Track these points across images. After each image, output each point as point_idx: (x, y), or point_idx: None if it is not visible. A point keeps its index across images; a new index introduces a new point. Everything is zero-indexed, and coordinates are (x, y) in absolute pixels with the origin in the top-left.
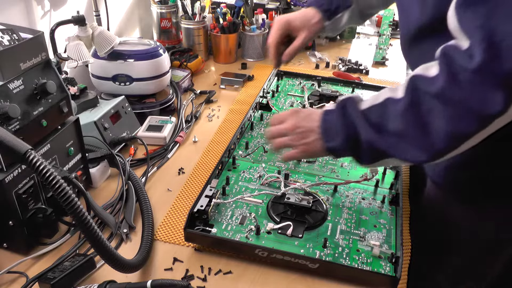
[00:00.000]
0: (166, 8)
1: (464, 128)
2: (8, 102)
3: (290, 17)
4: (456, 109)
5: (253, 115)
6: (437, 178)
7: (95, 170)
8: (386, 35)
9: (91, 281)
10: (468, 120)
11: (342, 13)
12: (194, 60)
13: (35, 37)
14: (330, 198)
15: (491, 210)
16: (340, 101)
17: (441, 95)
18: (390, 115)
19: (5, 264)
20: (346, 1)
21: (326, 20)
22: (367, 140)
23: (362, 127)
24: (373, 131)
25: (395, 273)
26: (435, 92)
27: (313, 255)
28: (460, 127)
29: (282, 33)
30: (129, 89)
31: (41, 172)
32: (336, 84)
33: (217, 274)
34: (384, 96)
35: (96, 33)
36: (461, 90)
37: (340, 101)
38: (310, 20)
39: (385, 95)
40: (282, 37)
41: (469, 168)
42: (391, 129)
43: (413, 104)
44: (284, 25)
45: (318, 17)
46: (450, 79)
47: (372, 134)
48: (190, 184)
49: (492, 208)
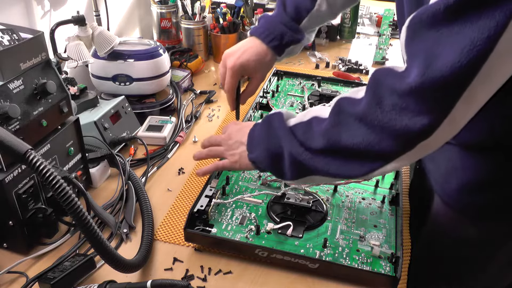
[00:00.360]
0: (166, 8)
1: (384, 150)
2: (8, 102)
3: (243, 62)
4: (377, 131)
5: (253, 115)
6: (447, 198)
7: (95, 170)
8: (386, 35)
9: (91, 281)
10: (389, 143)
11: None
12: (194, 60)
13: (35, 37)
14: (330, 198)
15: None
16: (267, 115)
17: (363, 117)
18: (314, 133)
19: (5, 264)
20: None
21: (278, 55)
22: (290, 154)
23: (287, 141)
24: (298, 146)
25: (395, 273)
26: (358, 113)
27: (313, 255)
28: (381, 149)
29: (237, 79)
30: (129, 89)
31: (41, 172)
32: (336, 84)
33: (217, 274)
34: (312, 114)
35: (96, 33)
36: (384, 114)
37: (268, 115)
38: (263, 59)
39: (313, 113)
40: (237, 82)
41: (487, 190)
42: (313, 147)
43: (335, 124)
44: (239, 72)
45: (270, 54)
46: (375, 102)
47: (296, 149)
48: (190, 184)
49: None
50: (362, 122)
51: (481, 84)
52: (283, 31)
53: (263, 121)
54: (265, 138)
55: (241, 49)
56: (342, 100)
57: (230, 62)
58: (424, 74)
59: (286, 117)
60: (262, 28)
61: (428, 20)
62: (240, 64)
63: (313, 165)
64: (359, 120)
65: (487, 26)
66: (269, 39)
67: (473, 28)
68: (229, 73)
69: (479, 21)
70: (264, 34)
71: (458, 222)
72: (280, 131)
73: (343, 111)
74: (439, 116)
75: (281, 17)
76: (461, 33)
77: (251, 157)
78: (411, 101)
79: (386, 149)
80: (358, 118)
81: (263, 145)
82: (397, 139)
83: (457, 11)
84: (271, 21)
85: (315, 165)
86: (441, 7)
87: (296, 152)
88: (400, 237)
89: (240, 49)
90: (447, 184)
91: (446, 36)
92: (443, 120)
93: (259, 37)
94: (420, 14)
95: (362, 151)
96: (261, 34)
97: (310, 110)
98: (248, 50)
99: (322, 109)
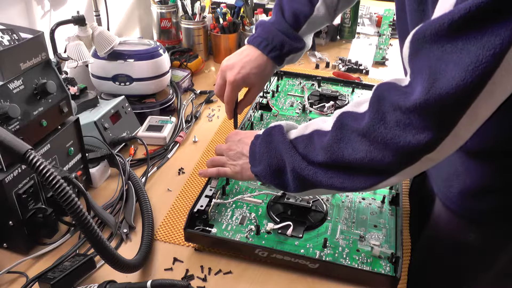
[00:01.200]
0: (166, 8)
1: (388, 165)
2: (8, 102)
3: (244, 76)
4: (381, 148)
5: (253, 115)
6: (449, 203)
7: (95, 170)
8: (386, 35)
9: (91, 281)
10: (393, 158)
11: (294, 54)
12: (194, 60)
13: (35, 37)
14: (330, 198)
15: None
16: (268, 128)
17: (366, 133)
18: (316, 147)
19: (5, 264)
20: (297, 43)
21: (278, 65)
22: (293, 169)
23: (289, 156)
24: (300, 160)
25: (395, 273)
26: (361, 129)
27: (313, 255)
28: (385, 164)
29: (237, 92)
30: (129, 89)
31: (41, 172)
32: (336, 84)
33: (217, 274)
34: (313, 128)
35: (96, 33)
36: (388, 130)
37: (268, 128)
38: (263, 71)
39: (314, 126)
40: (237, 95)
41: (489, 195)
42: (316, 161)
43: (338, 140)
44: (239, 86)
45: (270, 65)
46: (378, 118)
47: (299, 163)
48: (190, 184)
49: None
50: (365, 138)
51: (485, 100)
52: (283, 40)
53: (264, 135)
54: (266, 153)
55: (240, 61)
56: (344, 114)
57: (230, 76)
58: (428, 92)
59: (287, 129)
60: (260, 38)
61: (431, 36)
62: (241, 78)
63: (317, 179)
64: (362, 136)
65: (492, 43)
66: (268, 49)
67: (477, 45)
68: (229, 88)
69: (483, 38)
70: (263, 44)
71: (459, 226)
72: (281, 145)
73: (346, 126)
74: (443, 132)
75: (280, 25)
76: (466, 50)
77: (254, 171)
78: (415, 118)
79: (390, 164)
80: (361, 134)
81: (265, 160)
82: (401, 155)
83: (461, 27)
84: (269, 30)
85: (319, 179)
86: (445, 23)
87: (299, 166)
88: (400, 237)
89: (239, 62)
90: (448, 189)
91: (450, 53)
92: (447, 135)
93: (258, 47)
94: (424, 30)
95: (365, 166)
96: (260, 44)
97: (311, 123)
98: (248, 63)
99: (323, 123)
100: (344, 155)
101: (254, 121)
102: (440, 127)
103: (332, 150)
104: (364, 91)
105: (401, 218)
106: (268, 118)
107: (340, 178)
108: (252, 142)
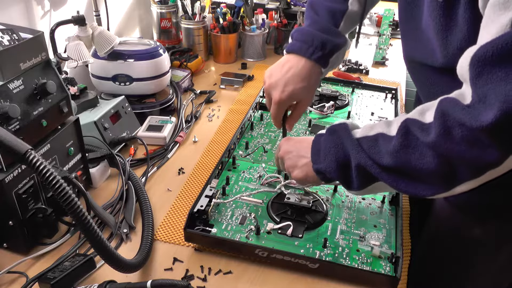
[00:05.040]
0: (166, 8)
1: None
2: (8, 102)
3: (290, 94)
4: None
5: (253, 115)
6: (451, 198)
7: (95, 170)
8: (386, 35)
9: (91, 281)
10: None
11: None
12: (194, 60)
13: (35, 37)
14: (330, 198)
15: None
16: (331, 126)
17: (434, 146)
18: (382, 150)
19: (5, 264)
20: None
21: (323, 67)
22: (358, 165)
23: (355, 152)
24: (366, 158)
25: (395, 273)
26: (428, 142)
27: (313, 255)
28: (449, 176)
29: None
30: (129, 89)
31: (41, 172)
32: (336, 84)
33: (217, 274)
34: (377, 130)
35: (96, 33)
36: (455, 145)
37: (332, 125)
38: (309, 82)
39: (379, 129)
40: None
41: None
42: (381, 164)
43: (404, 146)
44: (286, 104)
45: (316, 71)
46: (444, 133)
47: (365, 160)
48: (190, 184)
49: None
50: (432, 151)
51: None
52: (323, 39)
53: (328, 131)
54: (333, 148)
55: (283, 78)
56: (410, 122)
57: (275, 96)
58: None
59: (351, 127)
60: (299, 42)
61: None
62: (287, 97)
63: (381, 178)
64: (429, 148)
65: None
66: (310, 52)
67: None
68: (275, 107)
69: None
70: (304, 48)
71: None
72: (347, 142)
73: (411, 134)
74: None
75: (318, 25)
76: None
77: (318, 168)
78: (483, 136)
79: (455, 176)
80: (429, 147)
81: (332, 155)
82: (467, 169)
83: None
84: (307, 32)
85: (383, 179)
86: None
87: (365, 163)
88: (400, 237)
89: (283, 79)
90: None
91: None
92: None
93: (298, 53)
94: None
95: (431, 176)
96: (300, 49)
97: (375, 125)
98: (291, 79)
99: (387, 126)
100: (411, 164)
101: (254, 121)
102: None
103: (399, 156)
104: (364, 91)
105: (401, 218)
106: (268, 118)
107: (404, 182)
108: (315, 140)
